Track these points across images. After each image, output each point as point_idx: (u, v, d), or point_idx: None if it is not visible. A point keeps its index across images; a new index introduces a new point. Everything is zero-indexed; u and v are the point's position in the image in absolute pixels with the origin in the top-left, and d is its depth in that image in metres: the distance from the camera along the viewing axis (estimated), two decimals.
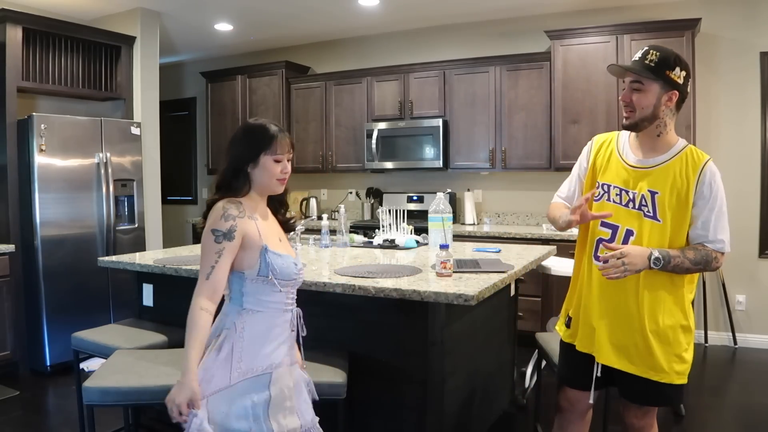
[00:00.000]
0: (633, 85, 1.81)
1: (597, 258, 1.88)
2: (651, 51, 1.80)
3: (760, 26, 4.28)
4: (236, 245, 1.62)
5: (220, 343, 1.62)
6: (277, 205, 1.83)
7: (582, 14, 4.78)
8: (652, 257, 1.72)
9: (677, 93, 1.79)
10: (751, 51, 4.32)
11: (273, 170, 1.68)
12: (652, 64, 1.78)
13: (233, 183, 1.68)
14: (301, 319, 1.76)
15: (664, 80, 1.77)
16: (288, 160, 1.72)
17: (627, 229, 1.82)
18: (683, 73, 1.79)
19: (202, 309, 1.56)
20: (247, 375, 1.61)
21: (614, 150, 1.94)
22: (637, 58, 1.82)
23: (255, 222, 1.66)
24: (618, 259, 1.71)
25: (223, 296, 1.68)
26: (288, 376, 1.69)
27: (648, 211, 1.80)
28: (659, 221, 1.78)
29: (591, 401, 1.96)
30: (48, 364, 3.91)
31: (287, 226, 1.86)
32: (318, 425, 1.77)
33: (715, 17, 4.36)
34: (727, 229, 1.79)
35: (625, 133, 1.94)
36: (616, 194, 1.86)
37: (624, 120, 1.85)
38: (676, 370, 1.79)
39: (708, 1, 4.39)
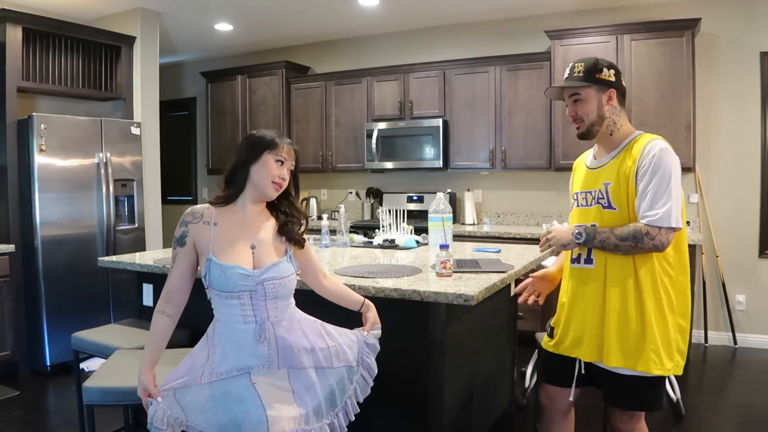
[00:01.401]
0: (573, 98, 1.92)
1: (572, 261, 1.97)
2: (575, 64, 1.93)
3: (760, 26, 4.29)
4: (189, 251, 1.67)
5: (200, 343, 1.70)
6: (278, 213, 1.77)
7: (582, 14, 4.78)
8: (575, 232, 1.87)
9: (614, 90, 1.90)
10: (751, 51, 4.32)
11: (272, 169, 1.67)
12: (581, 74, 1.90)
13: (236, 177, 1.70)
14: (268, 333, 1.64)
15: (597, 83, 1.88)
16: (289, 170, 1.72)
17: (591, 225, 1.89)
18: (612, 71, 1.90)
19: (158, 311, 1.66)
20: (220, 376, 1.63)
21: (583, 164, 2.05)
22: (567, 76, 1.95)
23: (210, 228, 1.66)
24: (546, 236, 1.94)
25: None
26: (269, 378, 1.64)
27: (605, 203, 1.87)
28: (615, 209, 1.84)
29: (571, 398, 2.00)
30: (48, 364, 3.91)
31: (286, 233, 1.75)
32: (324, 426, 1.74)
33: (715, 17, 4.36)
34: (666, 202, 1.72)
35: (592, 149, 2.05)
36: (583, 198, 1.97)
37: (576, 131, 1.95)
38: (652, 358, 1.78)
39: (708, 1, 4.39)
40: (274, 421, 1.56)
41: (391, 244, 3.29)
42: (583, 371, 1.93)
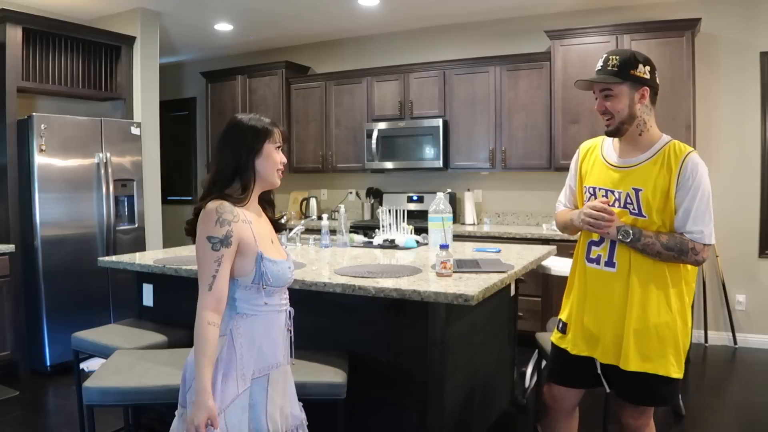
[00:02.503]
0: (603, 93, 1.85)
1: (590, 260, 1.92)
2: (610, 57, 1.84)
3: (760, 26, 4.28)
4: (233, 251, 1.55)
5: (220, 354, 1.57)
6: (266, 204, 1.79)
7: (582, 14, 4.78)
8: (621, 229, 1.79)
9: (648, 88, 1.82)
10: (751, 51, 4.32)
11: (275, 158, 1.66)
12: (616, 69, 1.81)
13: (244, 174, 1.62)
14: (291, 319, 1.74)
15: (631, 80, 1.81)
16: (283, 152, 1.71)
17: (630, 226, 1.83)
18: (647, 68, 1.82)
19: (209, 324, 1.49)
20: (249, 379, 1.60)
21: (599, 154, 1.97)
22: (600, 68, 1.86)
23: (249, 226, 1.60)
24: (604, 214, 1.79)
25: None
26: (283, 375, 1.70)
27: (633, 209, 1.82)
28: (645, 217, 1.80)
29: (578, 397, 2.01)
30: (48, 364, 3.91)
31: (278, 225, 1.82)
32: (305, 425, 1.77)
33: (715, 17, 4.36)
34: (709, 221, 1.78)
35: (609, 138, 1.97)
36: (603, 195, 1.89)
37: (605, 128, 1.88)
38: (671, 362, 1.80)
39: (708, 1, 4.39)
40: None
41: (391, 244, 3.29)
42: (599, 371, 1.91)
